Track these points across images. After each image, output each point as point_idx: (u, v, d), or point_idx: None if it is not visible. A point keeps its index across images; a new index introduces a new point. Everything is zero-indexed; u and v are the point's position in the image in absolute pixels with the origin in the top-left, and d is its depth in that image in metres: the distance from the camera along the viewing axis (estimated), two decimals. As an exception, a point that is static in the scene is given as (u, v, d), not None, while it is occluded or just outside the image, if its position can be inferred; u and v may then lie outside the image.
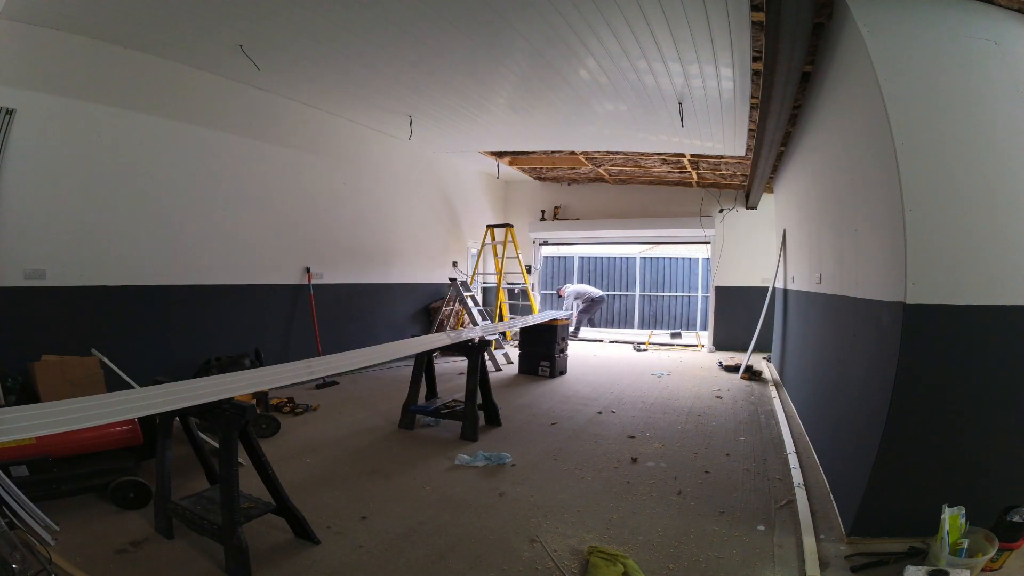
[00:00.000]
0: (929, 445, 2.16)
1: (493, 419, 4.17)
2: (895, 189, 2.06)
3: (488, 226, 8.36)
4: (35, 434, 1.56)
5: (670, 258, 12.85)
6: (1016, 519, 2.03)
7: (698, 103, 4.87)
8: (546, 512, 2.67)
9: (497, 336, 7.12)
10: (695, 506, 2.77)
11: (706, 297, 11.08)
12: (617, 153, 7.35)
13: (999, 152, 2.10)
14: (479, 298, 8.49)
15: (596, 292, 10.09)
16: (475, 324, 7.17)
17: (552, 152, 7.56)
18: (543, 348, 6.20)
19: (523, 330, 6.33)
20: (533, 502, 2.79)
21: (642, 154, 7.25)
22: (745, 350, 8.16)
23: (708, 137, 5.94)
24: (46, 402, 1.97)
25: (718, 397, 5.34)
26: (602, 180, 9.25)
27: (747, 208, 8.54)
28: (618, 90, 4.71)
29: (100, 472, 2.60)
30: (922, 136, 2.10)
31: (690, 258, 12.51)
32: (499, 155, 7.99)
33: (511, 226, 8.14)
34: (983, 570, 2.03)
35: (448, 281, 7.63)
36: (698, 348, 8.91)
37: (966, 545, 1.99)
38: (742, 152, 6.35)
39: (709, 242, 9.00)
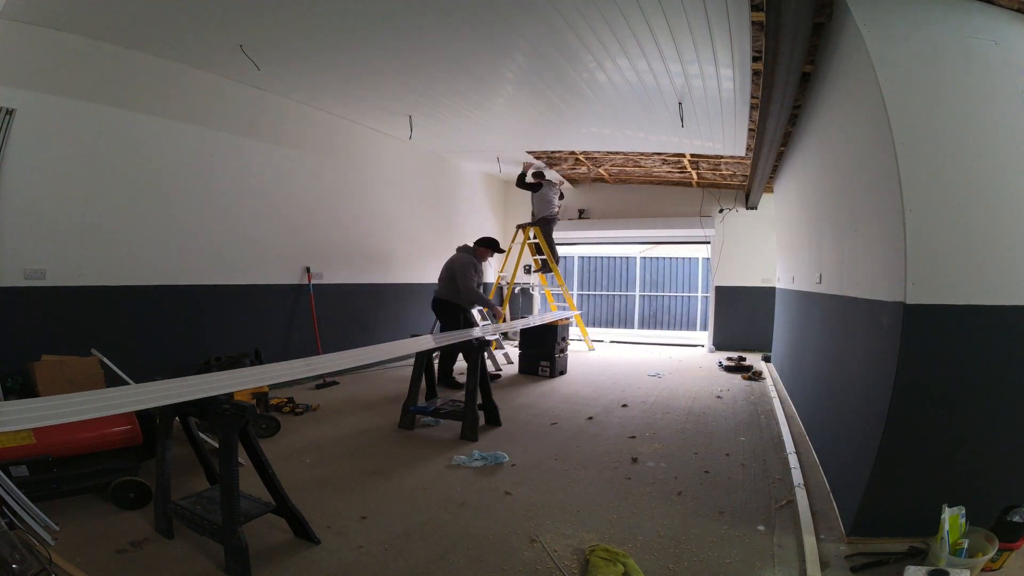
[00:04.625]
0: (929, 445, 2.16)
1: (493, 419, 4.17)
2: (895, 189, 2.06)
3: (518, 226, 8.44)
4: (31, 426, 1.55)
5: (670, 258, 12.86)
6: (1016, 519, 2.03)
7: (698, 103, 4.87)
8: (546, 512, 2.67)
9: (497, 336, 7.12)
10: (695, 506, 2.77)
11: (706, 297, 11.09)
12: (617, 153, 7.35)
13: (999, 152, 2.10)
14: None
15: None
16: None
17: (552, 152, 7.56)
18: (543, 348, 6.20)
19: (523, 330, 6.33)
20: (533, 502, 2.79)
21: (642, 154, 7.25)
22: (745, 350, 8.19)
23: (708, 137, 5.94)
24: (42, 396, 1.96)
25: (718, 397, 5.34)
26: (602, 180, 9.25)
27: (747, 208, 8.54)
28: (618, 90, 4.71)
29: (100, 472, 2.60)
30: (922, 135, 2.10)
31: (690, 258, 12.52)
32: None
33: (537, 225, 8.19)
34: (983, 570, 2.03)
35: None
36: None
37: (966, 545, 1.99)
38: (742, 152, 6.35)
39: (709, 242, 9.00)
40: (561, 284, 8.46)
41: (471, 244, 5.44)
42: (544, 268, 8.41)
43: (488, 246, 5.40)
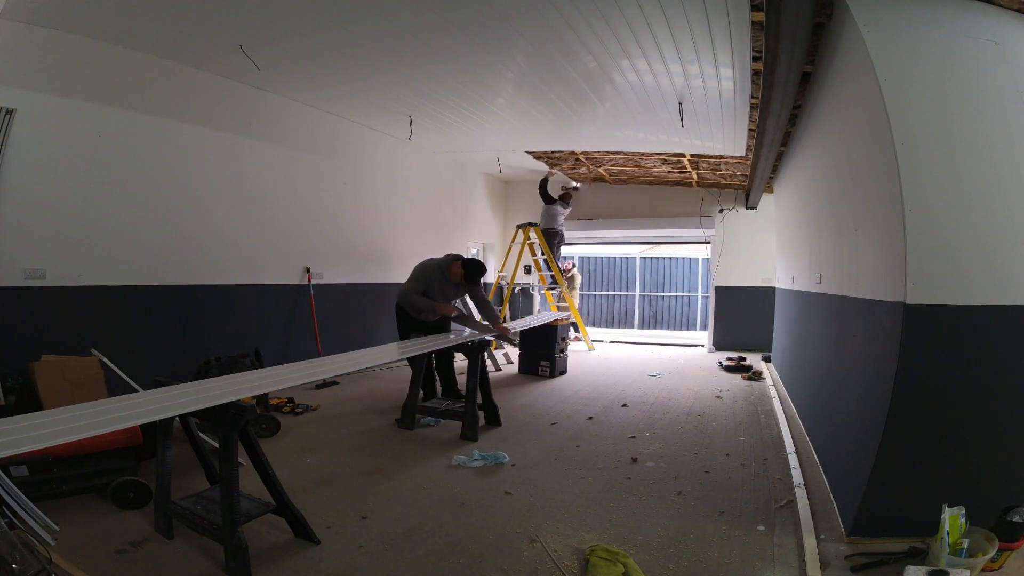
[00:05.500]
0: (929, 445, 2.16)
1: (493, 419, 4.16)
2: (895, 188, 2.06)
3: (518, 226, 8.45)
4: (40, 446, 1.57)
5: (670, 258, 12.86)
6: (1016, 519, 2.03)
7: (698, 103, 4.87)
8: (546, 512, 2.67)
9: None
10: (695, 506, 2.77)
11: (706, 297, 11.09)
12: (617, 153, 7.35)
13: (999, 152, 2.10)
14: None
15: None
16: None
17: (552, 152, 7.56)
18: (543, 348, 6.20)
19: (523, 330, 6.33)
20: (533, 502, 2.79)
21: (642, 154, 7.25)
22: (745, 350, 8.19)
23: (708, 137, 5.94)
24: (48, 410, 1.95)
25: (718, 397, 5.34)
26: (602, 180, 9.25)
27: (747, 208, 8.54)
28: (618, 90, 4.71)
29: (100, 472, 2.61)
30: (922, 135, 2.10)
31: (690, 258, 12.53)
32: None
33: (537, 225, 8.20)
34: (983, 570, 2.03)
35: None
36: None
37: (966, 545, 1.99)
38: (742, 152, 6.35)
39: (709, 242, 9.00)
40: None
41: (455, 255, 4.60)
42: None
43: (467, 269, 4.37)
